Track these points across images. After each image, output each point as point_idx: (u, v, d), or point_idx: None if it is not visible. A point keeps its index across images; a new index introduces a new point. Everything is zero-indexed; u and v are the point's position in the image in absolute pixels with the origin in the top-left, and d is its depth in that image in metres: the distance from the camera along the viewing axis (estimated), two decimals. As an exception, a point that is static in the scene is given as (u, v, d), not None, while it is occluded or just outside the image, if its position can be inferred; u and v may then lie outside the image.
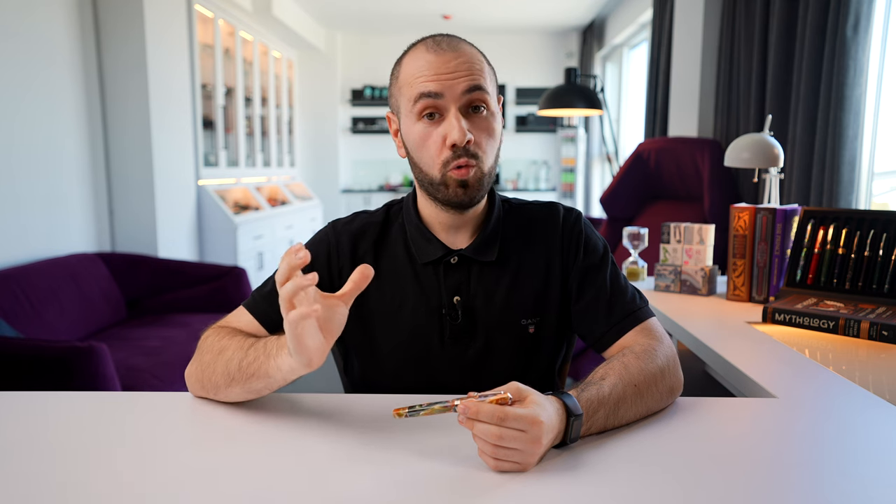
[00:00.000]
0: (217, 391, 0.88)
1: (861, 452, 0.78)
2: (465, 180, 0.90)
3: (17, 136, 2.80)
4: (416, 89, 0.89)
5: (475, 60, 0.91)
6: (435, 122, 0.90)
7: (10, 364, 1.92)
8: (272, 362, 0.80)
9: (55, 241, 3.06)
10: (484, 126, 0.91)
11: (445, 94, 0.88)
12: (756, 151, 1.70)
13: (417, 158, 0.94)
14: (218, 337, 0.92)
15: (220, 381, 0.86)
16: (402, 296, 0.99)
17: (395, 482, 0.69)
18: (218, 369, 0.87)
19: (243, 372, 0.83)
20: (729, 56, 2.92)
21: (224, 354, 0.87)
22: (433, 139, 0.90)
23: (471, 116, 0.90)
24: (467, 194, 0.91)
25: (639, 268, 1.92)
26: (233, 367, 0.84)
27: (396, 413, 0.72)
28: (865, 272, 1.43)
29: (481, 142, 0.91)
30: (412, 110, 0.91)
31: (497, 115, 0.94)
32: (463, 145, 0.88)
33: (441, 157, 0.90)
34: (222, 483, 0.69)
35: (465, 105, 0.89)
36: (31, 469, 0.72)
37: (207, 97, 4.39)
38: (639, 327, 0.96)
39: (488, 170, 0.93)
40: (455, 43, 0.91)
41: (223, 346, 0.88)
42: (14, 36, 2.78)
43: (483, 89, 0.90)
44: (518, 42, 6.92)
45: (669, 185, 3.14)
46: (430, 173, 0.92)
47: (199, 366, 0.90)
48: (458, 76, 0.88)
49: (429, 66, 0.89)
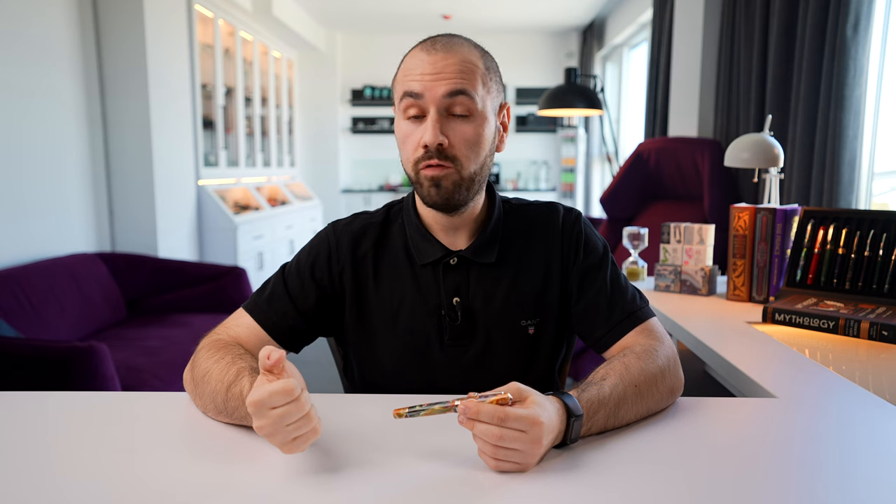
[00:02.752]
0: (207, 412, 0.87)
1: (861, 452, 0.78)
2: (436, 180, 0.90)
3: (16, 136, 2.80)
4: (403, 87, 0.90)
5: (467, 63, 0.89)
6: (418, 121, 0.90)
7: (10, 364, 1.92)
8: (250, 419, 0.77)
9: (55, 241, 3.06)
10: (465, 131, 0.89)
11: (425, 95, 0.88)
12: (756, 151, 1.70)
13: (400, 154, 0.95)
14: (208, 353, 0.89)
15: (209, 408, 0.85)
16: (402, 296, 0.99)
17: (395, 482, 0.69)
18: (206, 397, 0.85)
19: (228, 411, 0.82)
20: (729, 56, 2.92)
21: (208, 383, 0.84)
22: (412, 138, 0.91)
23: (453, 120, 0.89)
24: (440, 195, 0.91)
25: (639, 268, 1.92)
26: (218, 402, 0.83)
27: (396, 413, 0.72)
28: (865, 272, 1.43)
29: (459, 146, 0.89)
30: (399, 107, 0.92)
31: (487, 121, 0.91)
32: (434, 147, 0.88)
33: (414, 155, 0.91)
34: (222, 483, 0.69)
35: (447, 108, 0.89)
36: (31, 469, 0.72)
37: (207, 97, 4.39)
38: (639, 327, 0.96)
39: (469, 175, 0.91)
40: (452, 44, 0.90)
41: (207, 370, 0.86)
42: (14, 35, 2.78)
43: (466, 94, 0.88)
44: (518, 42, 6.91)
45: (669, 185, 3.14)
46: (408, 171, 0.94)
47: (192, 378, 0.89)
48: (440, 78, 0.87)
49: (418, 66, 0.89)
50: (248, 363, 0.85)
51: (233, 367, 0.84)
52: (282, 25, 5.31)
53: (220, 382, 0.83)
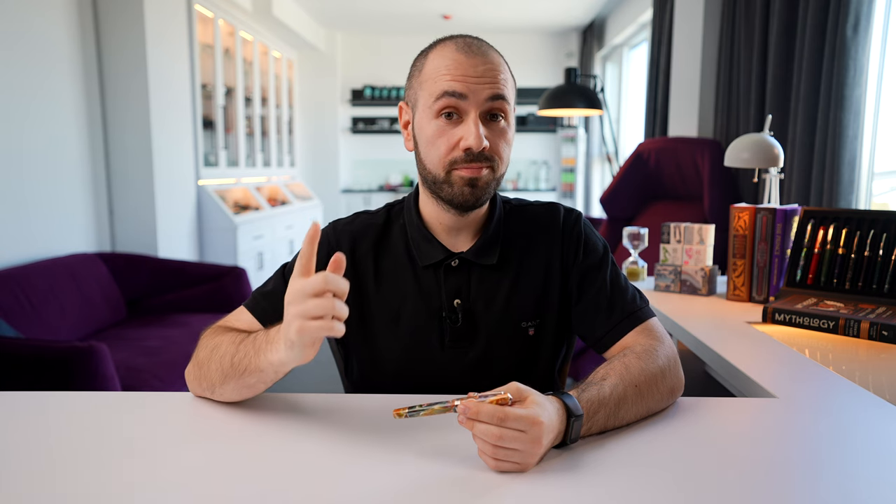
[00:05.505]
0: (213, 388, 0.88)
1: (861, 452, 0.78)
2: (473, 181, 0.90)
3: (16, 136, 2.80)
4: (440, 86, 0.89)
5: (501, 69, 0.91)
6: (452, 122, 0.90)
7: (10, 364, 1.92)
8: (262, 357, 0.80)
9: (55, 241, 3.06)
10: (501, 134, 0.92)
11: (469, 97, 0.88)
12: (756, 151, 1.70)
13: (424, 154, 0.93)
14: (213, 335, 0.93)
15: (215, 378, 0.87)
16: (403, 298, 0.99)
17: (395, 482, 0.69)
18: (213, 366, 0.87)
19: (235, 368, 0.84)
20: (729, 56, 2.92)
21: (217, 351, 0.88)
22: (446, 138, 0.90)
23: (489, 123, 0.91)
24: (474, 194, 0.91)
25: (639, 268, 1.92)
26: (226, 364, 0.85)
27: (396, 413, 0.72)
28: (865, 272, 1.43)
29: (497, 148, 0.91)
30: (431, 106, 0.90)
31: (512, 124, 0.94)
32: (478, 150, 0.88)
33: (449, 157, 0.90)
34: (222, 483, 0.69)
35: (486, 111, 0.90)
36: (31, 469, 0.72)
37: (207, 97, 4.39)
38: (639, 327, 0.96)
39: (500, 175, 0.94)
40: (485, 48, 0.92)
41: (217, 343, 0.89)
42: (14, 36, 2.78)
43: (505, 99, 0.90)
44: (518, 42, 6.91)
45: (669, 185, 3.14)
46: (435, 171, 0.92)
47: (196, 363, 0.91)
48: (484, 82, 0.88)
49: (457, 66, 0.89)
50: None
51: (242, 334, 0.89)
52: (282, 25, 5.31)
53: (231, 344, 0.87)
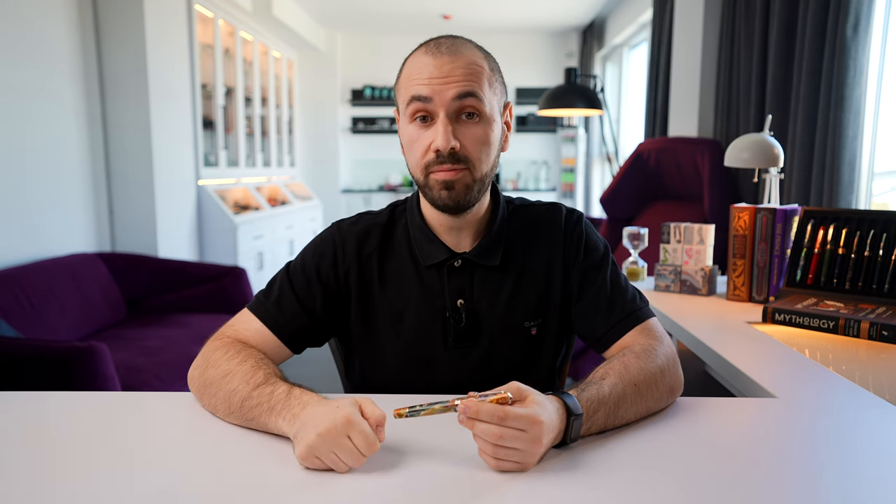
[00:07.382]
0: (216, 412, 0.87)
1: (861, 452, 0.78)
2: (449, 183, 0.89)
3: (16, 136, 2.80)
4: (409, 91, 0.89)
5: (473, 66, 0.89)
6: (426, 125, 0.90)
7: (10, 364, 1.92)
8: (273, 421, 0.78)
9: (55, 241, 3.05)
10: (475, 133, 0.89)
11: (435, 99, 0.87)
12: (756, 151, 1.70)
13: (407, 159, 0.94)
14: (226, 354, 0.89)
15: (219, 407, 0.85)
16: (407, 298, 0.99)
17: (395, 482, 0.69)
18: (220, 395, 0.85)
19: (244, 413, 0.82)
20: (729, 56, 2.92)
21: (229, 382, 0.84)
22: (421, 142, 0.90)
23: (463, 123, 0.89)
24: (451, 197, 0.90)
25: (639, 268, 1.92)
26: (234, 403, 0.82)
27: (397, 413, 0.72)
28: (865, 272, 1.43)
29: (471, 149, 0.89)
30: (405, 112, 0.91)
31: (494, 121, 0.92)
32: (447, 152, 0.88)
33: (424, 160, 0.90)
34: (222, 483, 0.69)
35: (456, 111, 0.88)
36: (32, 469, 0.72)
37: (207, 97, 4.38)
38: (639, 327, 0.96)
39: (480, 176, 0.91)
40: (456, 46, 0.90)
41: (229, 371, 0.86)
42: (14, 36, 2.78)
43: (476, 96, 0.88)
44: (518, 42, 6.91)
45: (669, 185, 3.14)
46: (416, 175, 0.93)
47: (203, 380, 0.88)
48: (449, 81, 0.87)
49: (423, 69, 0.88)
50: (273, 369, 0.86)
51: (259, 371, 0.85)
52: (282, 25, 5.31)
53: (245, 384, 0.82)
